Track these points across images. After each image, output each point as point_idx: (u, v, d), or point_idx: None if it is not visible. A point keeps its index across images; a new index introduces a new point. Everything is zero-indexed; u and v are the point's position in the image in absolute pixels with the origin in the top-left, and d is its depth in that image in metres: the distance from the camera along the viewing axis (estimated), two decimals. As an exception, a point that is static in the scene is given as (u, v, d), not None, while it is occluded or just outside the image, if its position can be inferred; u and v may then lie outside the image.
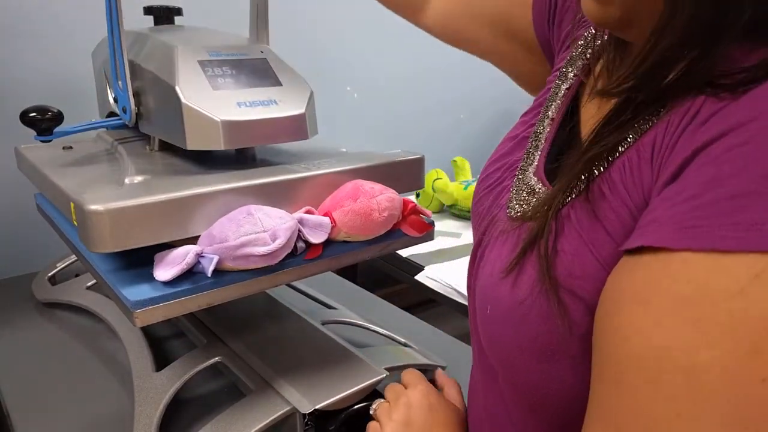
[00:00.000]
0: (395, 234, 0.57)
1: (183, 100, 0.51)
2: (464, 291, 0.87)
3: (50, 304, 0.79)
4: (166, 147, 0.63)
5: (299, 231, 0.48)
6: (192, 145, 0.51)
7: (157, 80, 0.54)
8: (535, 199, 0.38)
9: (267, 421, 0.51)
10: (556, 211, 0.33)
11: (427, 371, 0.64)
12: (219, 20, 1.08)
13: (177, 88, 0.51)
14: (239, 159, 0.60)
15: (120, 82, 0.57)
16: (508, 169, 0.43)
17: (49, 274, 0.83)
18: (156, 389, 0.55)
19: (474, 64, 1.67)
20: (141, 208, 0.44)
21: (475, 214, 0.45)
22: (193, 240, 0.47)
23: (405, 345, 0.67)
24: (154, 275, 0.45)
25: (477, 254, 0.42)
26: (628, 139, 0.31)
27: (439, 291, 0.91)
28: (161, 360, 0.61)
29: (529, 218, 0.36)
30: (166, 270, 0.44)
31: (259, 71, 0.57)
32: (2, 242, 0.69)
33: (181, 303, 0.46)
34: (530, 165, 0.40)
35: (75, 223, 0.46)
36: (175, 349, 0.67)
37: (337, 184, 0.54)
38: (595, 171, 0.32)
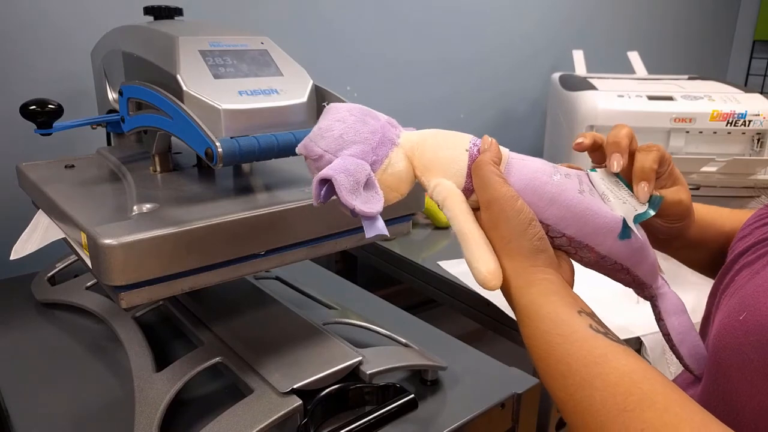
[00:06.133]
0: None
1: (184, 88, 0.51)
2: (472, 287, 0.87)
3: (50, 305, 0.79)
4: (168, 168, 0.64)
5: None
6: None
7: (158, 70, 0.54)
8: None
9: (267, 422, 0.51)
10: None
11: (428, 371, 0.64)
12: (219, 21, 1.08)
13: (178, 77, 0.51)
14: (242, 182, 0.61)
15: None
16: None
17: (49, 275, 0.83)
18: (156, 390, 0.55)
19: (472, 64, 1.66)
20: (153, 241, 0.45)
21: None
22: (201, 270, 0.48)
23: (405, 345, 0.67)
24: None
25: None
26: None
27: (451, 281, 0.91)
28: (161, 360, 0.61)
29: None
30: None
31: (259, 61, 0.57)
32: (1, 242, 0.69)
33: (165, 286, 0.47)
34: None
35: (86, 252, 0.47)
36: (175, 349, 0.67)
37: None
38: None
